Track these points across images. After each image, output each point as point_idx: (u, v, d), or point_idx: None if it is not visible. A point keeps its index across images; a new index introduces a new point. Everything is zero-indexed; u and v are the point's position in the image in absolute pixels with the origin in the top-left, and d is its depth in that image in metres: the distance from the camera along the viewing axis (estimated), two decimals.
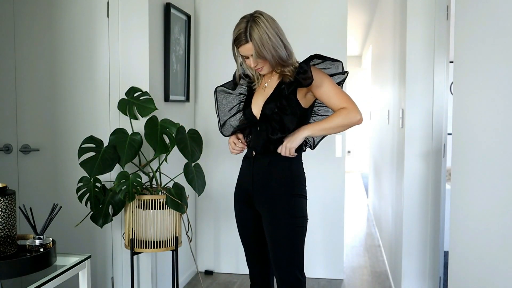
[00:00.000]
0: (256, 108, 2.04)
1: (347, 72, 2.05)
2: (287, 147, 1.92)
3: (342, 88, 2.05)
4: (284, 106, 1.94)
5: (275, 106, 1.95)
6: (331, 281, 3.61)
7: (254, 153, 2.05)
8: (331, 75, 2.02)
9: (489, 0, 1.51)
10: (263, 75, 2.08)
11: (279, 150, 1.95)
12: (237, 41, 1.95)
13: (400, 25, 3.20)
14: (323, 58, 1.98)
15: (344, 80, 2.06)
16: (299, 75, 1.90)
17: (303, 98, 1.98)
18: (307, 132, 1.94)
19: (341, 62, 2.02)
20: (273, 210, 1.99)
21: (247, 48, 1.93)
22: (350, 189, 7.89)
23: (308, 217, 2.04)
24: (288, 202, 1.98)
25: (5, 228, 1.69)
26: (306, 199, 2.05)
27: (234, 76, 2.16)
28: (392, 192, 3.62)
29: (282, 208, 1.98)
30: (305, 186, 2.06)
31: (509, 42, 1.32)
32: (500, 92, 1.39)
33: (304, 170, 2.09)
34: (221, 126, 2.20)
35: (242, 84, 2.16)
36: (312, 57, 1.97)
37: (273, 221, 1.99)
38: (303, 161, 2.09)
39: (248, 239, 2.14)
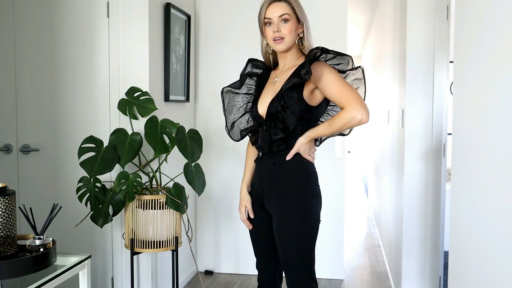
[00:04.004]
0: (262, 106, 1.95)
1: (360, 68, 1.93)
2: (304, 154, 1.91)
3: (363, 85, 1.95)
4: (286, 104, 1.84)
5: (279, 104, 1.86)
6: (331, 281, 3.61)
7: (260, 154, 1.98)
8: (343, 72, 1.92)
9: (489, 0, 1.51)
10: (275, 68, 2.02)
11: (287, 158, 1.90)
12: None
13: (400, 25, 3.20)
14: (327, 52, 1.87)
15: (363, 77, 1.94)
16: (300, 69, 1.82)
17: (310, 95, 1.87)
18: (302, 139, 1.89)
19: (350, 57, 1.92)
20: (283, 211, 1.89)
21: (280, 6, 1.87)
22: (350, 189, 7.89)
23: (320, 219, 1.94)
24: (298, 203, 1.88)
25: (5, 228, 1.69)
26: (320, 198, 1.94)
27: (241, 75, 2.06)
28: (392, 192, 3.62)
29: (291, 209, 1.87)
30: (318, 184, 1.95)
31: (509, 42, 1.32)
32: (500, 92, 1.39)
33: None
34: (229, 129, 2.08)
35: (250, 84, 2.06)
36: (313, 50, 1.87)
37: (282, 223, 1.89)
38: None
39: (259, 241, 2.06)
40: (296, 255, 1.88)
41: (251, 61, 2.08)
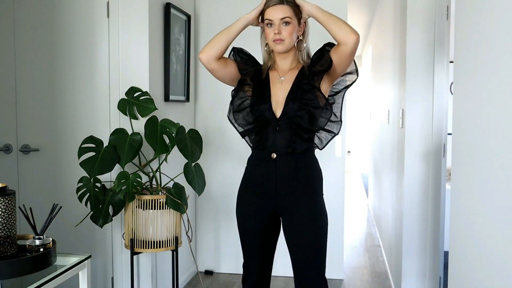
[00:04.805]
0: (277, 105, 1.93)
1: (357, 74, 1.99)
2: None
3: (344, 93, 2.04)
4: (311, 101, 1.88)
5: (302, 103, 1.88)
6: (331, 281, 3.61)
7: (274, 155, 1.93)
8: (344, 74, 1.99)
9: (489, 0, 1.51)
10: (273, 68, 2.02)
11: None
12: (270, 0, 1.89)
13: (400, 25, 3.20)
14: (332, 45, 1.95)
15: (353, 83, 2.01)
16: (318, 61, 1.91)
17: (324, 84, 1.94)
18: (313, 8, 1.90)
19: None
20: (302, 212, 1.92)
21: (282, 9, 1.88)
22: (350, 189, 7.89)
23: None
24: (315, 203, 1.95)
25: (5, 228, 1.69)
26: None
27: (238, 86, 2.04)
28: (392, 192, 3.62)
29: (310, 209, 1.92)
30: None
31: (509, 41, 1.32)
32: (500, 92, 1.38)
33: None
34: (234, 112, 2.00)
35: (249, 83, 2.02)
36: (326, 45, 1.96)
37: (301, 222, 1.92)
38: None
39: (255, 241, 2.04)
40: (316, 252, 1.95)
41: (240, 51, 2.06)
